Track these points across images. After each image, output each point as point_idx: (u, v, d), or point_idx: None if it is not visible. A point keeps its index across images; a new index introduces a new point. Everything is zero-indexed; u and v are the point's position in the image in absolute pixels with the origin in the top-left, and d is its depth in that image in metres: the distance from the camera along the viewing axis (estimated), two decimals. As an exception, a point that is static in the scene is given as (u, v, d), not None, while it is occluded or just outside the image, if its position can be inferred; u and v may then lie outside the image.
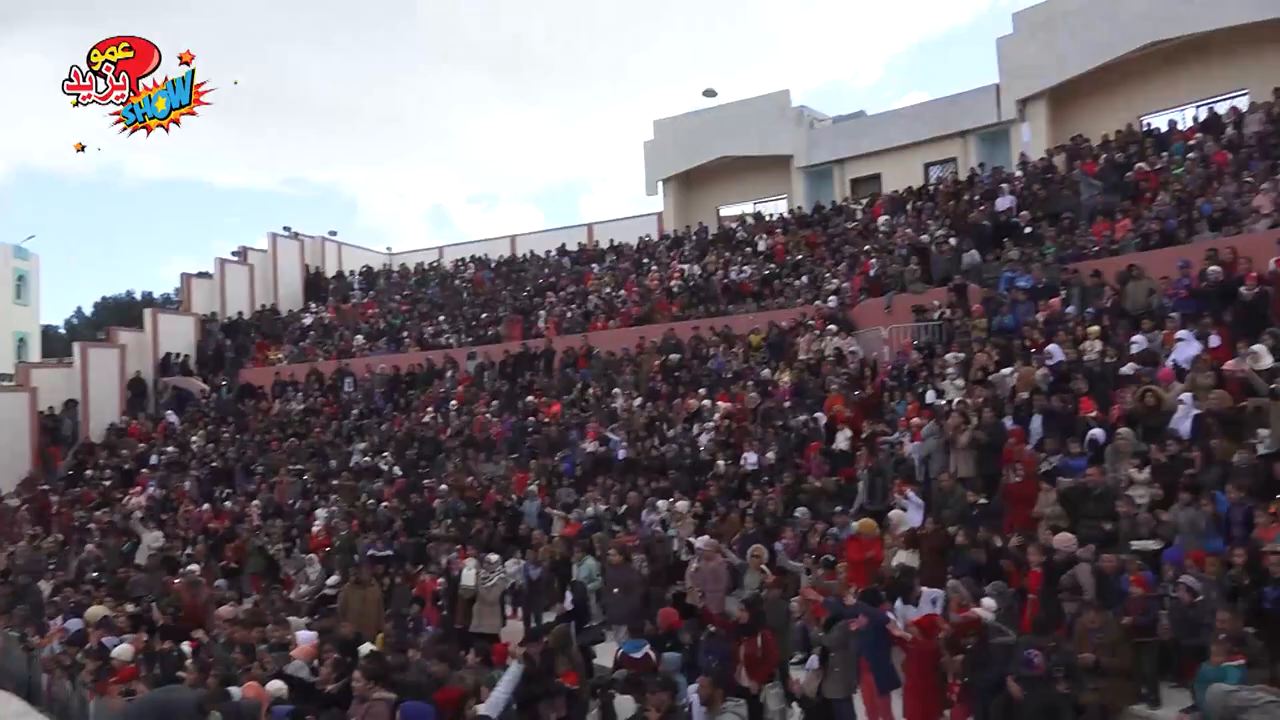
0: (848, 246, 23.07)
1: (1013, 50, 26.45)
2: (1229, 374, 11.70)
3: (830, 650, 9.80)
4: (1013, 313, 16.24)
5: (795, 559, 12.31)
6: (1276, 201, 15.86)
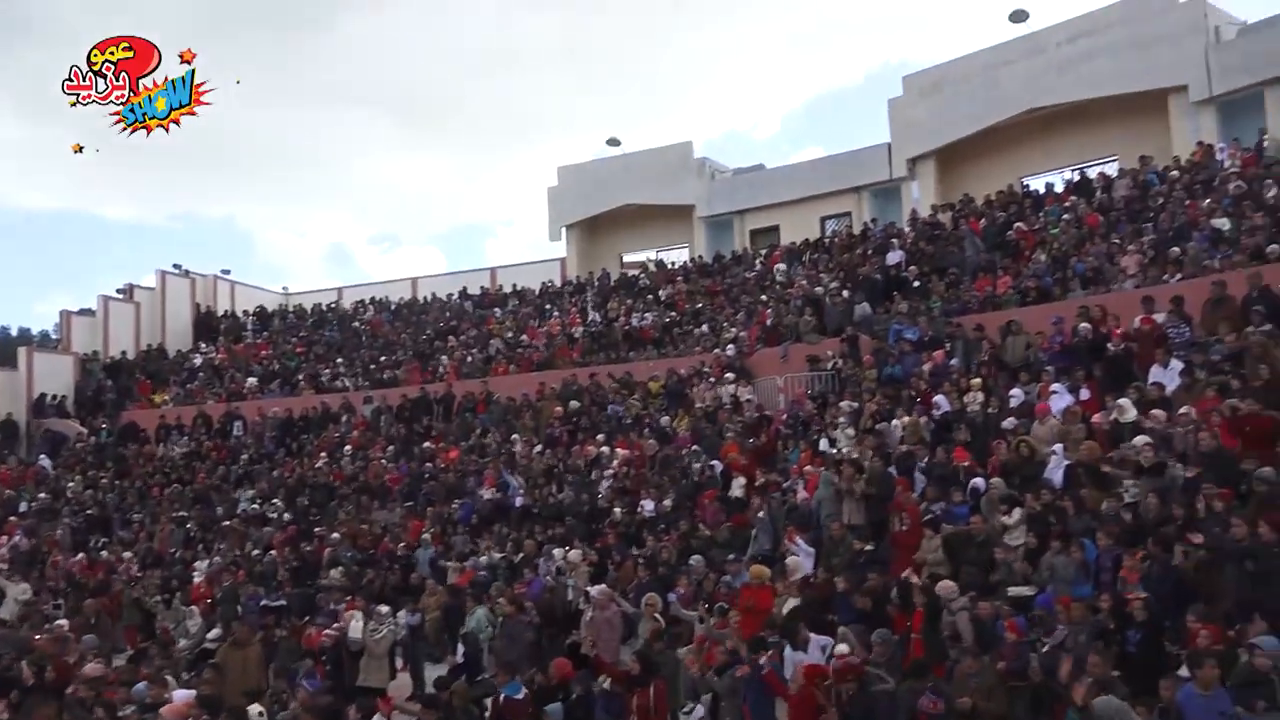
0: (746, 296, 23.58)
1: (902, 112, 27.69)
2: (1097, 426, 12.31)
3: (721, 698, 9.92)
4: (900, 364, 16.80)
5: (689, 607, 12.38)
6: (1141, 263, 16.89)
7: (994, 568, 10.80)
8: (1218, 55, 22.77)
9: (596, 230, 33.16)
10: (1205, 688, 6.92)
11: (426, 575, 15.42)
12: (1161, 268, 16.28)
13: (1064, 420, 12.64)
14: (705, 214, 30.86)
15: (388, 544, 17.24)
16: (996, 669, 8.62)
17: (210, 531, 19.82)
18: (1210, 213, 17.35)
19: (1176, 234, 17.31)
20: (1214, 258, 15.80)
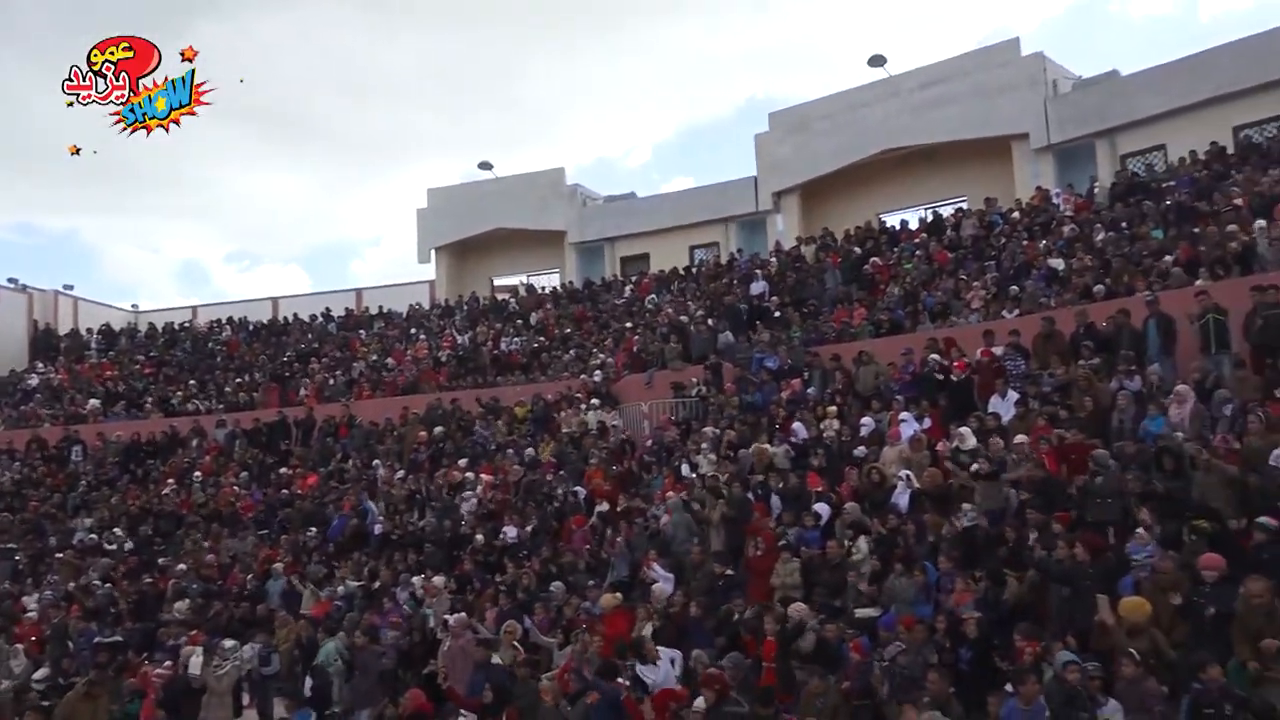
0: (614, 323, 23.78)
1: (769, 147, 28.57)
2: (940, 453, 12.92)
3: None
4: (760, 391, 17.25)
5: (548, 634, 12.32)
6: (984, 298, 17.87)
7: (843, 590, 11.16)
8: (1055, 107, 24.40)
9: (467, 253, 32.88)
10: (1026, 702, 7.32)
11: (276, 607, 14.84)
12: (1001, 303, 17.25)
13: (910, 448, 13.21)
14: (577, 240, 31.03)
15: (237, 574, 16.53)
16: (841, 689, 8.90)
17: (42, 563, 18.57)
18: (1046, 253, 18.51)
19: (1016, 272, 18.40)
20: (1049, 295, 16.85)
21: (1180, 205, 17.81)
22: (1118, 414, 12.12)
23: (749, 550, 11.97)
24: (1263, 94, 21.42)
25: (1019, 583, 9.63)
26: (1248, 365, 12.07)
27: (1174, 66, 23.11)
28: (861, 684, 9.09)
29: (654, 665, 10.45)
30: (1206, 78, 22.14)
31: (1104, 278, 16.22)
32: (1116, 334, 13.55)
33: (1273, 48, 21.28)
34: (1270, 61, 21.22)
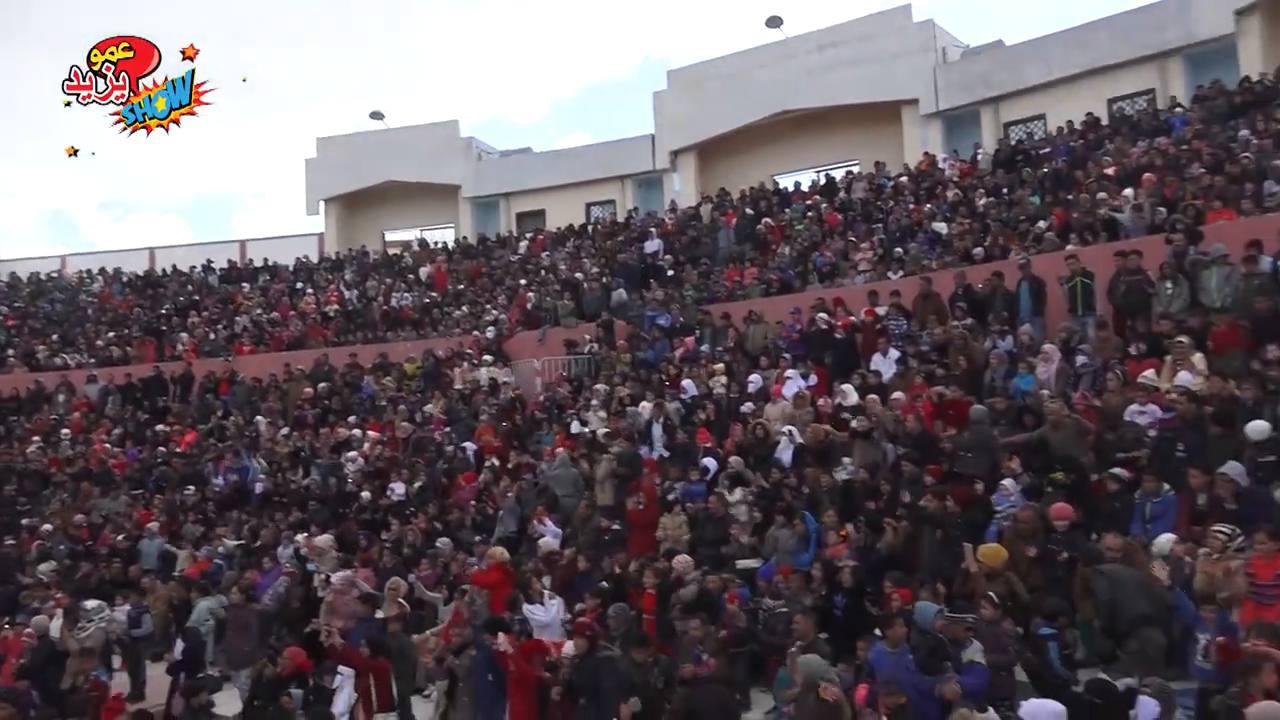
0: (509, 279, 23.52)
1: (667, 105, 28.50)
2: (823, 409, 13.24)
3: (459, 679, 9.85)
4: (653, 349, 17.34)
5: (434, 590, 12.23)
6: (871, 260, 18.29)
7: (727, 542, 11.39)
8: (944, 74, 24.98)
9: (358, 206, 31.98)
10: (893, 646, 7.61)
11: (152, 568, 14.34)
12: (887, 265, 17.68)
13: (795, 404, 13.48)
14: (471, 194, 30.50)
15: (109, 535, 15.89)
16: (719, 637, 9.09)
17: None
18: (931, 217, 19.02)
19: (902, 235, 18.87)
20: (931, 258, 17.35)
21: (1056, 173, 18.49)
22: (990, 372, 12.59)
23: (630, 505, 12.07)
24: (1135, 68, 22.39)
25: (895, 532, 9.97)
26: (1110, 326, 12.67)
27: (1054, 39, 23.89)
28: (738, 632, 9.31)
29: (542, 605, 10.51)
30: (1084, 51, 22.98)
31: (983, 241, 16.76)
32: (991, 295, 14.05)
33: (1144, 24, 22.20)
34: (1141, 37, 22.15)
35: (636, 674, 8.07)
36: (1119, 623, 7.36)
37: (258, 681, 9.97)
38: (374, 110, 30.62)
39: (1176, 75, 21.83)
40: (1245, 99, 17.77)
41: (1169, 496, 8.80)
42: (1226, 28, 21.10)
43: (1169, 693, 6.40)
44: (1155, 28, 22.09)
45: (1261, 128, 16.11)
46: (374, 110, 30.62)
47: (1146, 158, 17.14)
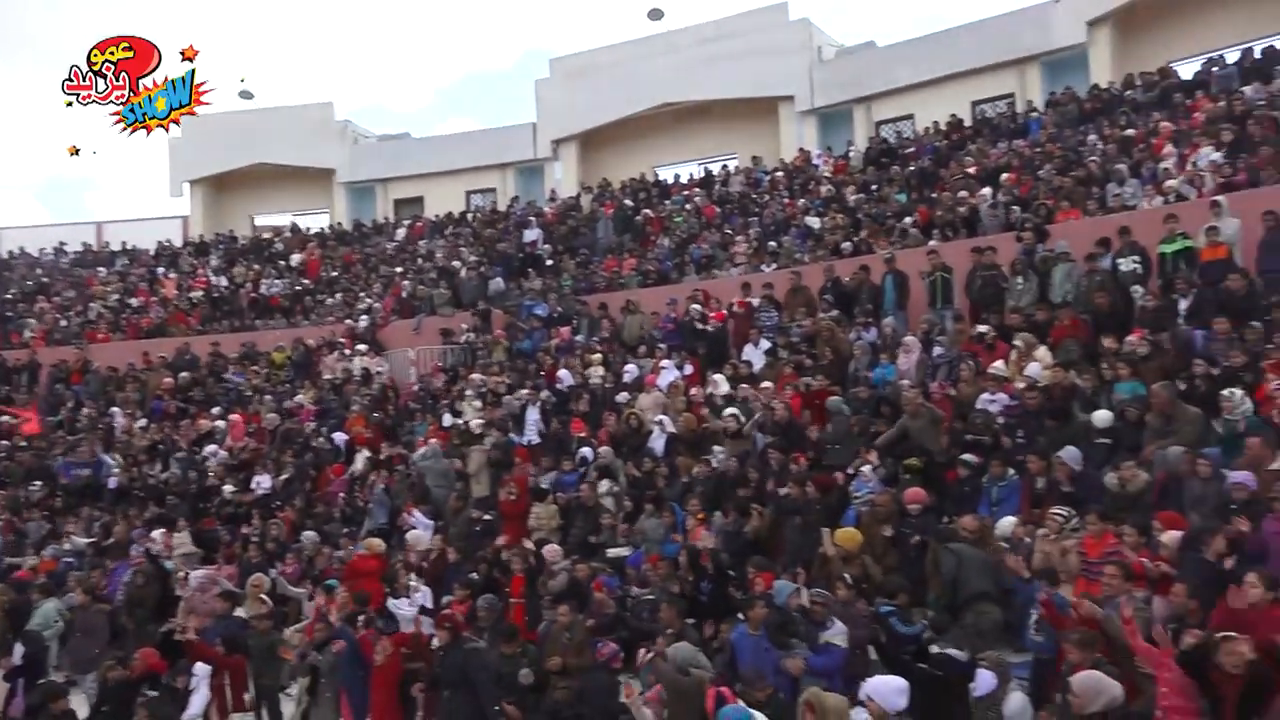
0: (384, 267, 23.02)
1: (549, 94, 28.32)
2: (695, 399, 13.43)
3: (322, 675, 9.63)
4: (530, 338, 17.27)
5: (298, 585, 11.91)
6: (747, 253, 18.62)
7: (598, 531, 11.45)
8: (819, 72, 25.58)
9: (226, 188, 30.71)
10: (754, 628, 7.80)
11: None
12: (761, 257, 18.04)
13: (668, 394, 13.64)
14: (347, 179, 29.68)
15: (-58, 534, 14.86)
16: (586, 625, 9.14)
17: None
18: (805, 211, 19.49)
19: (777, 228, 19.28)
20: (804, 251, 17.77)
21: (922, 171, 19.18)
22: (855, 362, 13.00)
23: (502, 495, 12.01)
24: (997, 73, 23.39)
25: (760, 519, 10.21)
26: (966, 319, 13.24)
27: (923, 42, 24.77)
28: (606, 619, 9.38)
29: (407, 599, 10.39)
30: (950, 54, 23.87)
31: (853, 236, 17.28)
32: (858, 289, 14.50)
33: (1005, 31, 23.22)
34: (1003, 43, 23.16)
35: (504, 665, 8.05)
36: (959, 598, 7.71)
37: (104, 685, 9.52)
38: (243, 89, 29.37)
39: (1034, 81, 22.92)
40: (1094, 105, 18.79)
41: (1013, 480, 9.27)
42: (1079, 37, 22.27)
43: (1005, 665, 6.74)
44: (1015, 35, 23.14)
45: (1108, 133, 17.07)
46: (243, 89, 29.37)
47: (1005, 158, 17.96)
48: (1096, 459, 9.29)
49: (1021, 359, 11.00)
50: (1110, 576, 6.83)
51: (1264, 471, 7.70)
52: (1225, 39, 19.45)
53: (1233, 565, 6.68)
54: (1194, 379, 9.68)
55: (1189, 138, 15.29)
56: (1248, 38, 18.80)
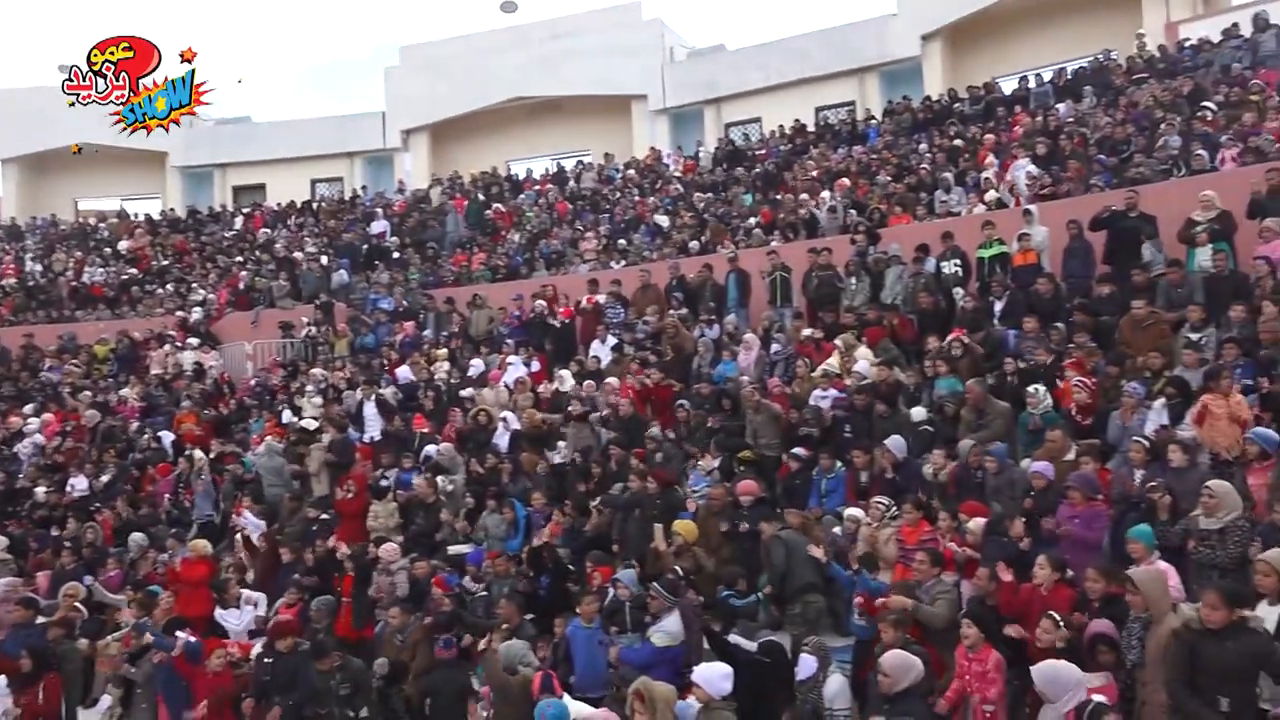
0: (221, 256, 22.01)
1: (399, 83, 27.71)
2: (541, 395, 13.43)
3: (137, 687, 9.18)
4: (374, 333, 16.86)
5: (119, 592, 11.26)
6: (596, 249, 18.73)
7: (439, 528, 11.30)
8: (671, 73, 26.01)
9: (45, 169, 28.68)
10: (588, 621, 7.89)
11: None
12: (611, 254, 18.19)
13: (514, 390, 13.58)
14: (181, 163, 28.25)
15: None
16: (424, 624, 9.02)
17: None
18: (654, 210, 19.77)
19: (627, 226, 19.49)
20: (652, 249, 18.03)
21: (767, 173, 19.77)
22: (698, 359, 13.27)
23: (339, 494, 11.71)
24: (839, 80, 24.38)
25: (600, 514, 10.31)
26: (804, 317, 13.72)
27: (771, 47, 25.53)
28: (444, 617, 9.27)
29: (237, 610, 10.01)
30: (797, 61, 24.71)
31: (699, 235, 17.65)
32: (702, 286, 14.81)
33: (848, 40, 24.21)
34: (845, 52, 24.14)
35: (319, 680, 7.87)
36: (788, 589, 8.01)
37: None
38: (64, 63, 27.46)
39: (873, 90, 23.99)
40: (926, 116, 19.79)
41: (840, 473, 9.68)
42: (914, 50, 23.44)
43: (825, 649, 7.06)
44: (857, 45, 24.16)
45: (937, 143, 18.02)
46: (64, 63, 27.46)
47: (844, 164, 18.71)
48: (918, 450, 9.80)
49: (845, 361, 11.47)
50: (920, 562, 7.24)
51: (1061, 462, 8.30)
52: (1043, 58, 20.88)
53: (1029, 548, 7.18)
54: (1005, 375, 10.35)
55: (1008, 149, 16.32)
56: (1062, 59, 20.21)
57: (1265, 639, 5.25)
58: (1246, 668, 5.10)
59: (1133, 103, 16.24)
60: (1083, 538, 7.15)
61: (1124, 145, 14.73)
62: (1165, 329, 9.93)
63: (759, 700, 7.02)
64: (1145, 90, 16.42)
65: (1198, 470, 7.68)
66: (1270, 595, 5.61)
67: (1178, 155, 13.66)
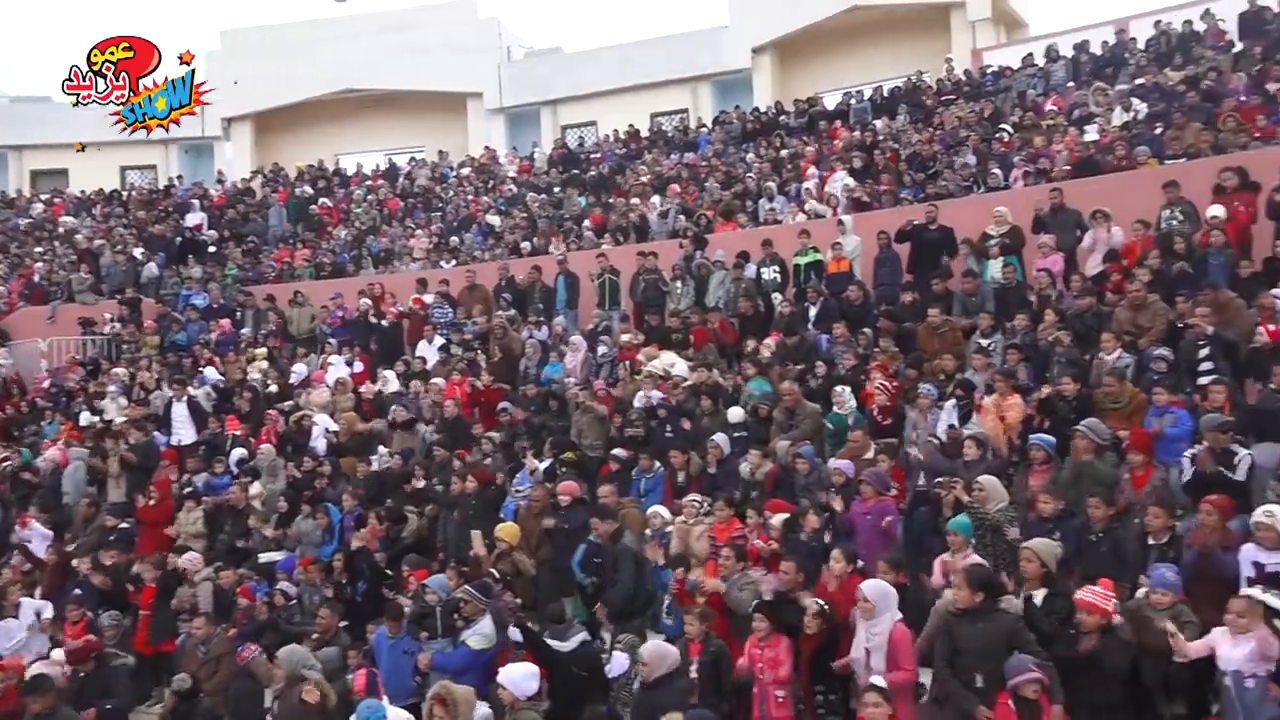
0: (14, 245, 20.38)
1: (220, 69, 26.29)
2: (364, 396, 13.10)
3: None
4: (185, 330, 16.01)
5: None
6: (427, 248, 18.41)
7: (248, 535, 10.85)
8: (508, 72, 25.86)
9: None
10: (394, 629, 7.77)
11: None
12: (441, 254, 17.92)
13: (334, 391, 13.19)
14: (-28, 146, 25.96)
15: None
16: (228, 635, 8.65)
17: None
18: (487, 209, 19.61)
19: (460, 225, 19.24)
20: (484, 249, 17.87)
21: (601, 176, 19.94)
22: (525, 360, 13.25)
23: (140, 501, 11.07)
24: (673, 88, 24.86)
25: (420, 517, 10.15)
26: (631, 320, 13.92)
27: (607, 51, 25.80)
28: (255, 626, 8.93)
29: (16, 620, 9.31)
30: (633, 66, 25.04)
31: (532, 236, 17.62)
32: (531, 288, 14.80)
33: (682, 49, 24.73)
34: (679, 60, 24.65)
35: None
36: (636, 604, 8.10)
37: None
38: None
39: (705, 99, 24.59)
40: (754, 126, 20.44)
41: (659, 472, 9.88)
42: (745, 62, 24.18)
43: (636, 645, 7.19)
44: (690, 54, 24.72)
45: (763, 153, 18.64)
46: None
47: (675, 170, 19.09)
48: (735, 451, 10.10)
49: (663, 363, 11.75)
50: (725, 558, 7.49)
51: (861, 460, 8.75)
52: (864, 76, 21.94)
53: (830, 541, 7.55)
54: (816, 378, 10.82)
55: (829, 162, 17.06)
56: (881, 77, 21.29)
57: (1012, 619, 5.73)
58: (997, 646, 5.55)
59: (941, 123, 17.30)
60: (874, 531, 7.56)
61: (931, 162, 15.67)
62: (958, 335, 10.64)
63: (573, 700, 7.10)
64: (952, 111, 17.53)
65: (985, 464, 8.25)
66: (1032, 580, 6.11)
67: (976, 173, 14.64)
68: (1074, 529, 6.88)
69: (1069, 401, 8.49)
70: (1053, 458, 7.93)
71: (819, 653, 6.30)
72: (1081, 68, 17.84)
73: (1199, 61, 15.90)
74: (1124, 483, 7.52)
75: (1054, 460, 7.91)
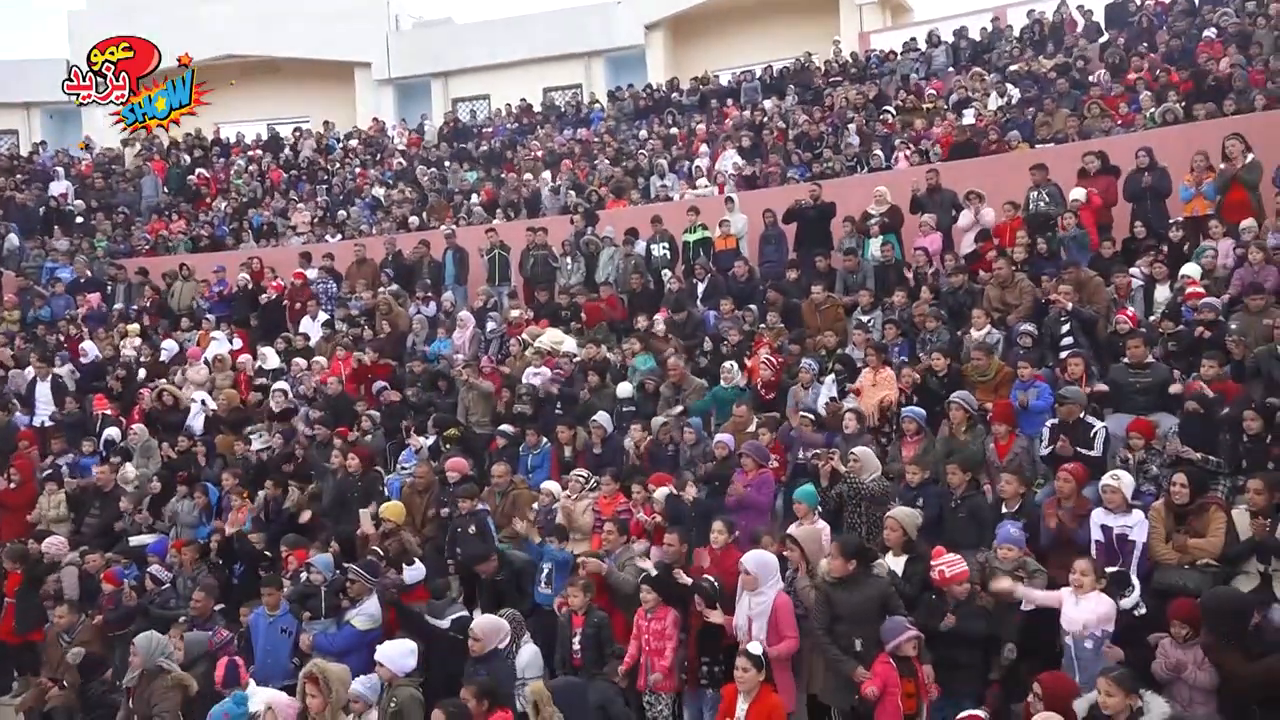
0: None
1: (85, 27, 24.91)
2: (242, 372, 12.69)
3: None
4: (49, 305, 15.22)
5: None
6: (311, 221, 17.90)
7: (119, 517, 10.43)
8: (396, 42, 25.22)
9: None
10: (272, 609, 7.59)
11: None
12: (326, 227, 17.45)
13: (212, 368, 12.75)
14: None
15: None
16: (94, 623, 8.33)
17: None
18: (375, 183, 19.16)
19: (345, 198, 18.76)
20: (371, 223, 17.48)
21: (493, 151, 19.70)
22: (412, 336, 13.04)
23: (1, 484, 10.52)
24: (566, 63, 24.69)
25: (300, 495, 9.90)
26: (520, 296, 13.83)
27: (500, 24, 25.42)
28: (123, 612, 8.61)
29: None
30: (525, 40, 24.73)
31: (420, 210, 17.30)
32: (419, 263, 14.54)
33: (575, 24, 24.54)
34: (572, 35, 24.47)
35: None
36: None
37: None
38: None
39: (599, 74, 24.49)
40: (647, 103, 20.48)
41: (546, 448, 9.87)
42: (638, 38, 24.16)
43: (519, 620, 7.21)
44: (583, 29, 24.55)
45: (656, 130, 18.71)
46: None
47: (568, 146, 19.00)
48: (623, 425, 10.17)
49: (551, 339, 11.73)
50: (609, 533, 7.56)
51: (743, 434, 8.92)
52: (755, 55, 22.19)
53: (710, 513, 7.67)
54: (703, 353, 10.97)
55: (719, 140, 17.23)
56: (771, 57, 21.56)
57: (884, 584, 5.97)
58: (871, 610, 5.78)
59: (831, 104, 17.63)
60: (753, 502, 7.73)
61: (817, 142, 15.99)
62: (840, 311, 10.91)
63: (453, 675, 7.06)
64: (839, 92, 17.89)
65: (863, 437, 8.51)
66: (895, 547, 6.36)
67: (860, 153, 15.01)
68: (935, 495, 7.19)
69: (939, 377, 8.81)
70: (924, 429, 8.24)
71: (708, 625, 6.41)
72: (961, 53, 18.42)
73: (1069, 51, 16.61)
74: (989, 452, 7.87)
75: (925, 431, 8.23)
